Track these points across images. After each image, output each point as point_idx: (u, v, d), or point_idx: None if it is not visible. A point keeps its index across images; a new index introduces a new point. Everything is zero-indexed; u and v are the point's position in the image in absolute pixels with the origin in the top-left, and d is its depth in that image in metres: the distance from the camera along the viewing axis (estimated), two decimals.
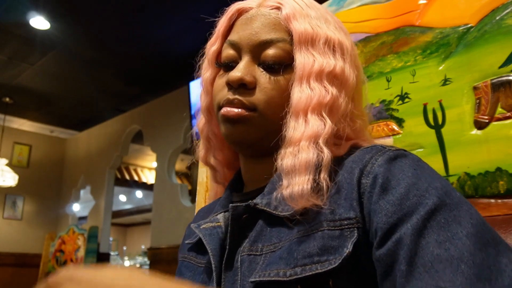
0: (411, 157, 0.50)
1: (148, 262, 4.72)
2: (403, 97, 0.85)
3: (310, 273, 0.45)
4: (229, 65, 0.59)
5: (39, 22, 3.49)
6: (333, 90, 0.55)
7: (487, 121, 0.74)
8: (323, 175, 0.50)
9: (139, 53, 4.01)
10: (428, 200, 0.44)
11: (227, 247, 0.55)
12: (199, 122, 0.68)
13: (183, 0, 3.07)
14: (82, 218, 6.70)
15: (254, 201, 0.55)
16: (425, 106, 0.81)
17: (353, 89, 0.59)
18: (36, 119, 5.78)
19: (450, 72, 0.79)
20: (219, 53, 0.63)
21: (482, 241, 0.40)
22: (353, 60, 0.61)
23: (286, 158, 0.52)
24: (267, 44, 0.57)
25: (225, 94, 0.57)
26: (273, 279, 0.47)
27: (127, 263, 8.93)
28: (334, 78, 0.56)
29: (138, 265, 8.45)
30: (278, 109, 0.55)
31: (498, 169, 0.70)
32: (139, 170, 7.84)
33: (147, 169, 7.92)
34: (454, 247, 0.39)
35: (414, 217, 0.43)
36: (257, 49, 0.57)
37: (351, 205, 0.48)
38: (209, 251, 0.56)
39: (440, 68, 0.80)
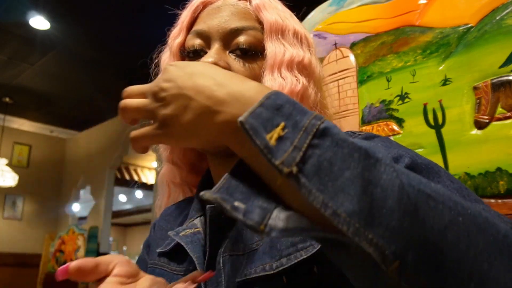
0: (381, 137, 0.52)
1: None
2: (403, 97, 0.85)
3: (296, 261, 0.44)
4: (197, 54, 0.59)
5: (39, 22, 3.49)
6: (303, 80, 0.56)
7: (487, 121, 0.74)
8: None
9: (139, 53, 4.00)
10: (405, 159, 0.44)
11: (207, 250, 0.53)
12: None
13: (183, 0, 3.07)
14: (82, 218, 6.70)
15: None
16: (425, 106, 0.81)
17: (320, 81, 0.61)
18: (36, 119, 5.78)
19: (450, 72, 0.79)
20: (183, 45, 0.63)
21: (461, 194, 0.41)
22: (316, 55, 0.63)
23: None
24: (238, 31, 0.57)
25: None
26: (259, 275, 0.46)
27: None
28: (303, 68, 0.57)
29: None
30: None
31: (498, 169, 0.70)
32: (139, 170, 7.84)
33: (147, 169, 7.92)
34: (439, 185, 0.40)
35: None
36: (228, 37, 0.57)
37: None
38: (195, 259, 0.54)
39: (440, 68, 0.80)
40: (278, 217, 0.30)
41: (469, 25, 0.79)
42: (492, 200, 0.70)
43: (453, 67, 0.79)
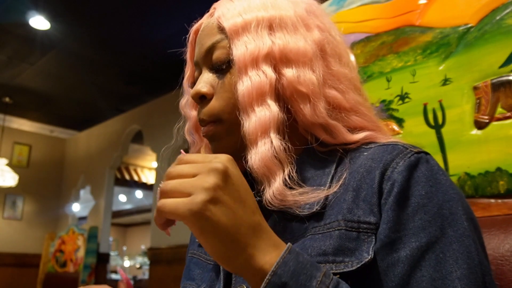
0: (431, 166, 0.48)
1: (148, 262, 4.72)
2: (403, 97, 0.85)
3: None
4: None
5: (39, 22, 3.48)
6: (273, 73, 0.52)
7: (487, 121, 0.73)
8: (287, 169, 0.50)
9: (139, 53, 4.00)
10: (431, 228, 0.43)
11: None
12: (191, 148, 0.69)
13: (183, 0, 3.07)
14: (82, 218, 6.70)
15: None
16: (425, 106, 0.81)
17: (313, 57, 0.54)
18: (36, 119, 5.77)
19: (450, 72, 0.79)
20: (192, 78, 0.65)
21: (473, 286, 0.41)
22: (305, 26, 0.56)
23: (252, 159, 0.50)
24: (210, 49, 0.57)
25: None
26: None
27: (127, 263, 8.93)
28: (274, 58, 0.53)
29: (138, 265, 8.46)
30: (236, 111, 0.54)
31: (498, 169, 0.70)
32: (139, 170, 7.84)
33: (147, 169, 7.92)
34: None
35: (414, 243, 0.43)
36: (207, 59, 0.57)
37: (371, 209, 0.46)
38: None
39: (440, 68, 0.80)
40: None
41: (469, 25, 0.78)
42: (492, 200, 0.70)
43: (453, 67, 0.79)
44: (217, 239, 0.39)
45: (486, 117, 0.74)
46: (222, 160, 0.41)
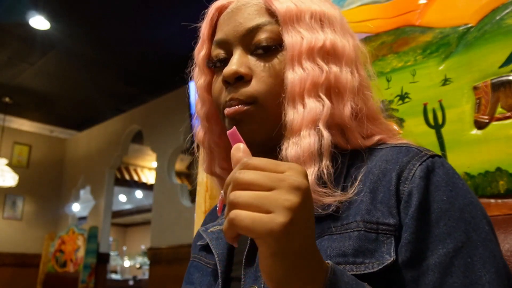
0: (447, 170, 0.48)
1: (148, 262, 4.72)
2: (403, 97, 0.85)
3: None
4: (225, 63, 0.56)
5: (39, 22, 3.49)
6: (327, 68, 0.52)
7: (487, 121, 0.73)
8: (325, 162, 0.48)
9: (139, 53, 4.01)
10: (456, 233, 0.43)
11: (248, 241, 0.52)
12: (198, 133, 0.65)
13: (183, 0, 3.06)
14: (82, 218, 6.70)
15: None
16: (425, 106, 0.81)
17: (353, 60, 0.55)
18: (36, 119, 5.77)
19: (450, 72, 0.79)
20: (208, 57, 0.60)
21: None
22: (346, 29, 0.58)
23: (289, 150, 0.49)
24: (254, 30, 0.54)
25: (225, 95, 0.55)
26: None
27: (127, 263, 8.93)
28: (326, 53, 0.53)
29: (138, 265, 8.46)
30: (278, 97, 0.53)
31: (498, 169, 0.70)
32: (139, 170, 7.84)
33: (147, 169, 7.92)
34: None
35: (441, 249, 0.43)
36: (246, 39, 0.55)
37: (389, 211, 0.46)
38: (216, 255, 0.55)
39: (440, 68, 0.80)
40: None
41: (469, 25, 0.78)
42: (492, 200, 0.70)
43: (453, 67, 0.79)
44: (284, 262, 0.36)
45: (486, 117, 0.74)
46: (301, 174, 0.37)
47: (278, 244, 0.35)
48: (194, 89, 0.65)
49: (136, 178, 7.72)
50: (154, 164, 5.18)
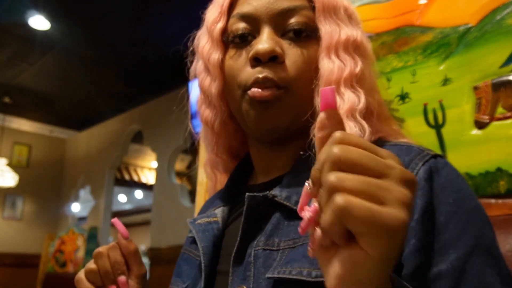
0: (450, 170, 0.47)
1: (148, 262, 4.72)
2: (403, 97, 0.85)
3: None
4: (244, 40, 0.54)
5: (39, 22, 3.48)
6: (359, 61, 0.53)
7: (487, 121, 0.73)
8: None
9: (139, 53, 4.00)
10: (466, 236, 0.42)
11: (238, 239, 0.50)
12: (204, 112, 0.61)
13: (183, 0, 3.06)
14: (82, 218, 6.70)
15: (272, 192, 0.50)
16: (425, 106, 0.81)
17: (372, 58, 0.56)
18: (35, 119, 5.77)
19: (450, 72, 0.79)
20: (225, 30, 0.56)
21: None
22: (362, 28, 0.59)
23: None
24: (290, 12, 0.52)
25: (251, 73, 0.51)
26: (295, 277, 0.42)
27: None
28: (357, 48, 0.53)
29: None
30: (309, 85, 0.52)
31: (498, 169, 0.70)
32: (139, 170, 7.83)
33: (147, 169, 7.92)
34: None
35: (452, 254, 0.41)
36: (278, 19, 0.52)
37: None
38: (200, 248, 0.54)
39: (441, 68, 0.80)
40: None
41: (469, 25, 0.78)
42: (492, 200, 0.70)
43: (453, 67, 0.79)
44: (388, 269, 0.29)
45: (487, 117, 0.74)
46: (402, 167, 0.30)
47: (391, 246, 0.27)
48: (198, 67, 0.61)
49: (136, 178, 7.71)
50: (154, 164, 5.19)
